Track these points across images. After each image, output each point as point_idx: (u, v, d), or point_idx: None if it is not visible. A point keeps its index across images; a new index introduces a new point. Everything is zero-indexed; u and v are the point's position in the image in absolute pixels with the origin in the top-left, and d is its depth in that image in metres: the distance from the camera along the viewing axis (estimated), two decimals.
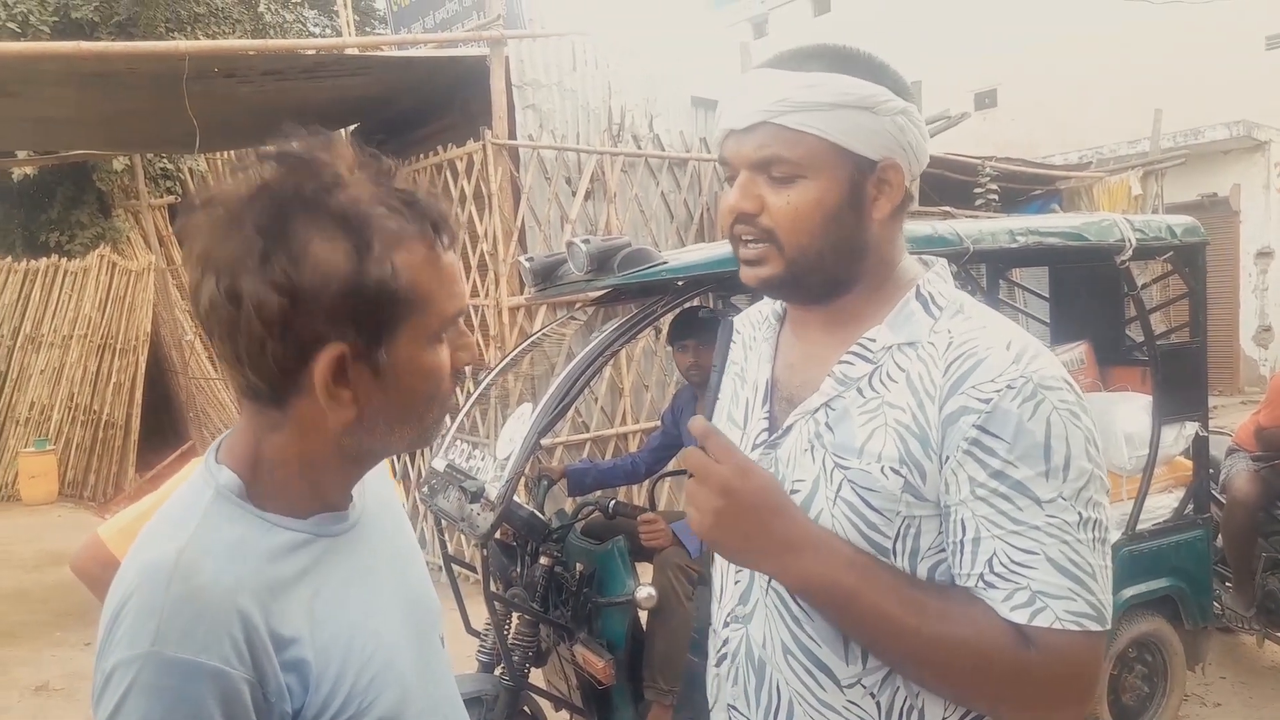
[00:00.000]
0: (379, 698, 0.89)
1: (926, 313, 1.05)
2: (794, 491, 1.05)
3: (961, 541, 0.98)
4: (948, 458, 0.97)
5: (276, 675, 0.82)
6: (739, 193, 1.04)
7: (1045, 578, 0.93)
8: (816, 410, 1.07)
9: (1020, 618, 0.94)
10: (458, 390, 1.08)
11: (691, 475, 1.00)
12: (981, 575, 0.96)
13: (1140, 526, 3.37)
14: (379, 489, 1.04)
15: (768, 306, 1.24)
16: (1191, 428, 3.50)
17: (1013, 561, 0.94)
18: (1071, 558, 0.94)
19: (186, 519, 0.86)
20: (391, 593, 0.98)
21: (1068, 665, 0.94)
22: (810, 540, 0.98)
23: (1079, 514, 0.95)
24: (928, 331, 1.03)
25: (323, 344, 0.82)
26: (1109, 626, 0.96)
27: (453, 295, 0.90)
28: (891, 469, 0.99)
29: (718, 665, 1.18)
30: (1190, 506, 3.54)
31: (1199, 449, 3.54)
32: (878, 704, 1.04)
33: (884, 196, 1.04)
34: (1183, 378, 3.46)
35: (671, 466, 3.84)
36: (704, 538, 1.00)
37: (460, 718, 1.07)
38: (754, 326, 1.24)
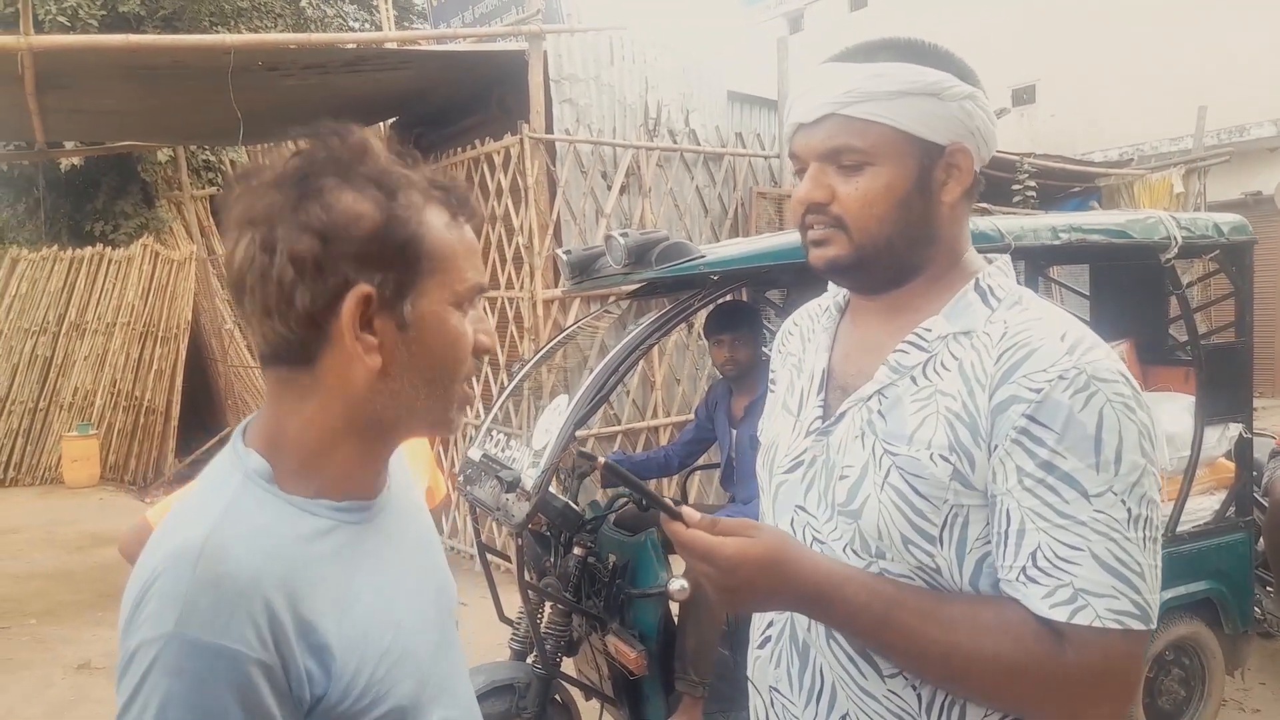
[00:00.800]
0: (396, 686, 0.90)
1: (984, 304, 1.05)
2: (843, 477, 1.06)
3: (1006, 532, 0.97)
4: (996, 446, 0.97)
5: (298, 661, 0.82)
6: (809, 183, 1.05)
7: (1089, 575, 0.92)
8: (870, 398, 1.07)
9: (1060, 615, 0.92)
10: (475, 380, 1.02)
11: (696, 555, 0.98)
12: (1024, 569, 0.95)
13: (1180, 529, 3.32)
14: (399, 476, 1.05)
15: (829, 299, 1.24)
16: (1235, 429, 3.45)
17: (1057, 556, 0.93)
18: (1119, 555, 0.92)
19: (214, 504, 0.86)
20: (415, 579, 1.00)
21: (1106, 665, 0.93)
22: (832, 583, 0.97)
23: (1129, 510, 0.93)
24: (984, 322, 1.03)
25: (351, 286, 0.84)
26: (1154, 626, 0.94)
27: (474, 266, 0.92)
28: (940, 456, 0.99)
29: (761, 647, 1.19)
30: (1232, 509, 3.49)
31: (1242, 451, 3.49)
32: (919, 695, 1.04)
33: (953, 181, 1.05)
34: (1227, 378, 3.40)
35: (701, 461, 3.84)
36: (727, 610, 1.00)
37: (468, 693, 1.08)
38: (813, 319, 1.25)
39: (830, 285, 1.22)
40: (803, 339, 1.25)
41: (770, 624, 1.17)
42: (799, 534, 1.11)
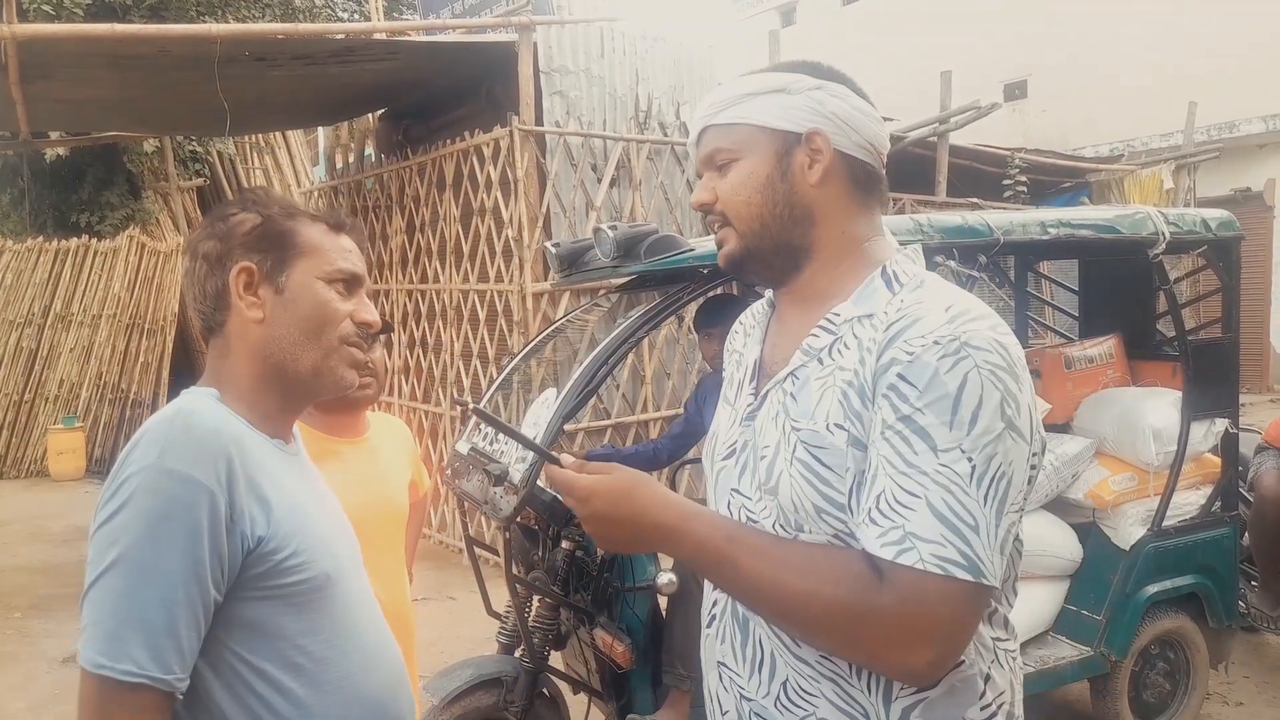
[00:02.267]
0: (320, 559, 1.16)
1: (888, 288, 1.12)
2: (762, 457, 1.14)
3: (865, 477, 1.03)
4: (874, 402, 1.03)
5: (244, 501, 1.09)
6: (698, 189, 1.21)
7: (921, 520, 0.96)
8: (784, 379, 1.15)
9: (887, 554, 0.97)
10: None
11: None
12: (869, 511, 1.01)
13: (1166, 523, 3.34)
14: (303, 448, 1.34)
15: (767, 299, 1.33)
16: (1221, 424, 3.46)
17: (896, 501, 0.98)
18: (953, 506, 0.96)
19: (176, 401, 1.15)
20: (328, 513, 1.28)
21: (922, 607, 0.96)
22: (681, 516, 1.07)
23: (973, 466, 0.97)
24: (885, 304, 1.10)
25: (238, 263, 1.20)
26: (986, 580, 0.96)
27: (343, 256, 1.26)
28: (836, 425, 1.06)
29: (708, 626, 1.25)
30: (1218, 504, 3.51)
31: (1228, 446, 3.50)
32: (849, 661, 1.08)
33: (816, 162, 1.15)
34: (1214, 373, 3.42)
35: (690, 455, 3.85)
36: (597, 543, 1.13)
37: (391, 642, 1.32)
38: (753, 317, 1.34)
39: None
40: (744, 335, 1.33)
41: (715, 603, 1.23)
42: (735, 515, 1.18)
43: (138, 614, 1.02)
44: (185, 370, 9.98)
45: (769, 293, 1.31)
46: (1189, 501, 3.48)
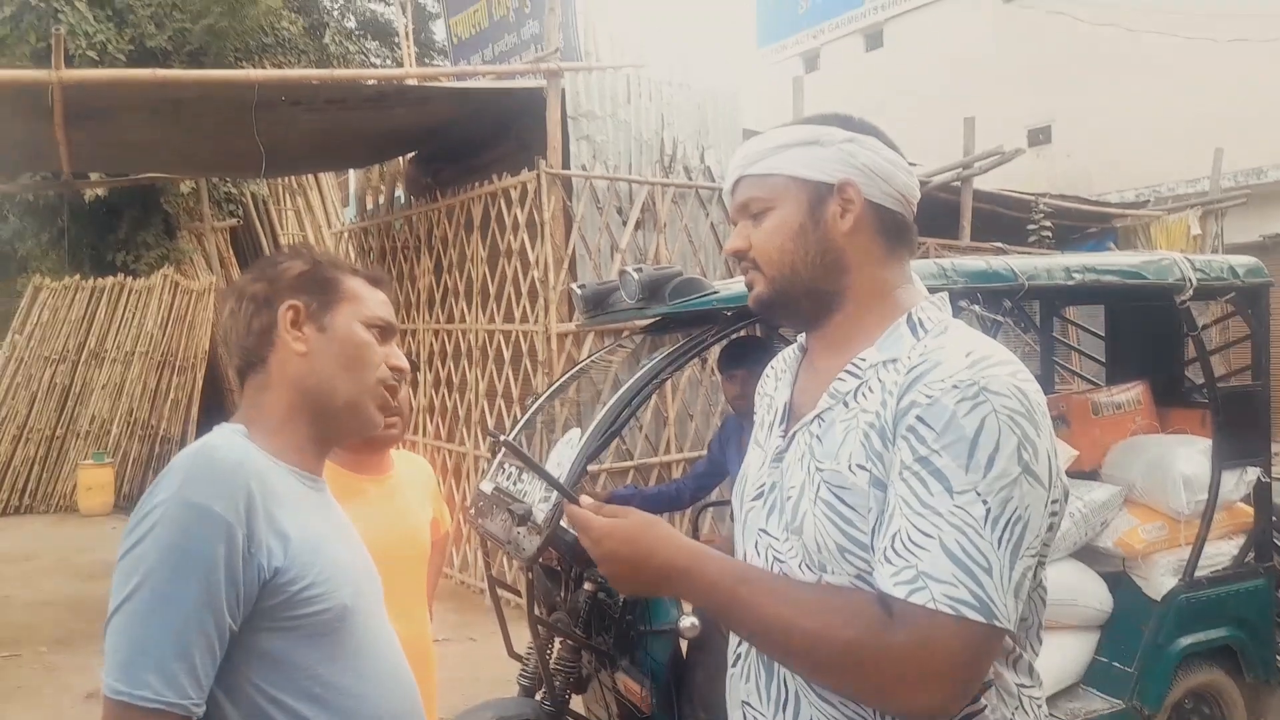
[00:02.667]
0: (338, 590, 1.20)
1: (913, 334, 1.15)
2: (788, 498, 1.16)
3: (883, 517, 1.04)
4: (894, 443, 1.05)
5: (263, 534, 1.13)
6: (733, 237, 1.25)
7: (935, 561, 0.97)
8: (811, 422, 1.17)
9: (900, 593, 0.98)
10: (402, 395, 1.53)
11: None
12: (884, 550, 1.02)
13: (1198, 573, 3.28)
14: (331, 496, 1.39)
15: (799, 344, 1.37)
16: (1253, 473, 3.40)
17: (910, 540, 1.00)
18: (967, 548, 0.97)
19: (206, 437, 1.21)
20: (351, 548, 1.32)
21: (932, 646, 0.96)
22: (692, 559, 1.10)
23: (988, 509, 0.98)
24: (909, 349, 1.12)
25: (287, 302, 1.29)
26: (998, 622, 0.96)
27: (381, 306, 1.37)
28: (858, 465, 1.08)
29: (734, 666, 1.26)
30: (1251, 554, 3.44)
31: (1260, 495, 3.44)
32: None
33: (848, 211, 1.18)
34: (1244, 421, 3.37)
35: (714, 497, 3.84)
36: (612, 584, 1.17)
37: (408, 673, 1.35)
38: (784, 361, 1.37)
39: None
40: (775, 379, 1.36)
41: (740, 642, 1.24)
42: (762, 555, 1.20)
43: (153, 641, 1.06)
44: (215, 407, 10.10)
45: (801, 337, 1.34)
46: (1221, 552, 3.41)
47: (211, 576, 1.08)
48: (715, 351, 3.56)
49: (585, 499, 1.19)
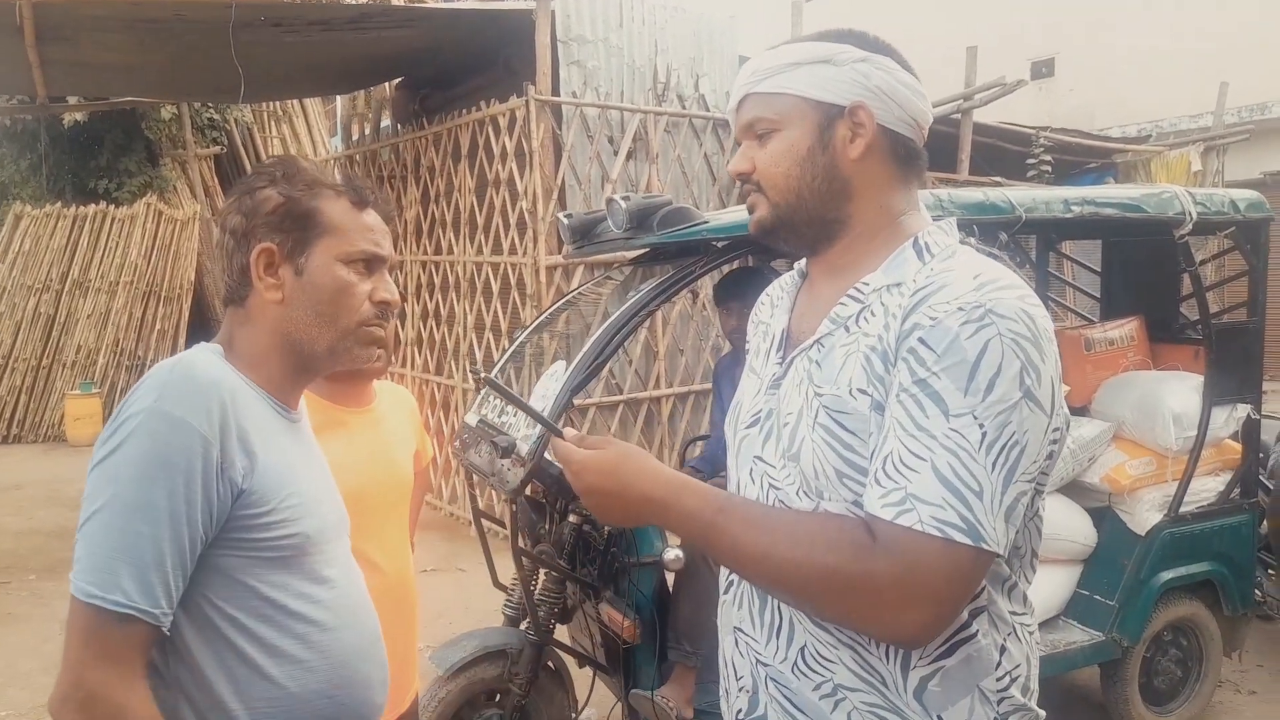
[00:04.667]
0: (303, 519, 1.20)
1: (919, 259, 1.11)
2: (785, 424, 1.14)
3: (879, 439, 1.03)
4: (895, 365, 1.03)
5: (234, 449, 1.13)
6: (737, 157, 1.20)
7: (924, 483, 0.96)
8: (810, 347, 1.15)
9: (887, 514, 0.97)
10: (391, 327, 1.40)
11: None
12: (876, 472, 1.01)
13: (1184, 509, 3.29)
14: (306, 421, 1.37)
15: (798, 269, 1.33)
16: (1243, 410, 3.40)
17: (902, 462, 0.98)
18: (959, 471, 0.96)
19: (183, 353, 1.20)
20: (321, 482, 1.31)
21: (917, 568, 0.95)
22: (670, 488, 1.09)
23: (984, 433, 0.96)
24: (914, 273, 1.09)
25: (259, 244, 1.23)
26: (986, 545, 0.95)
27: (365, 236, 1.28)
28: (859, 389, 1.05)
29: (725, 592, 1.26)
30: (1237, 490, 3.45)
31: (1249, 432, 3.44)
32: None
33: (859, 136, 1.13)
34: (1237, 358, 3.35)
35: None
36: (596, 517, 1.16)
37: (368, 608, 1.34)
38: (781, 288, 1.34)
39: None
40: (772, 306, 1.33)
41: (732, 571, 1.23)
42: (758, 483, 1.18)
43: (129, 549, 1.06)
44: (202, 338, 9.99)
45: (800, 263, 1.31)
46: (1207, 488, 3.42)
47: (189, 488, 1.08)
48: (706, 285, 3.50)
49: (570, 431, 1.17)
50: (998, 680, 1.08)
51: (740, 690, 1.21)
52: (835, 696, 1.09)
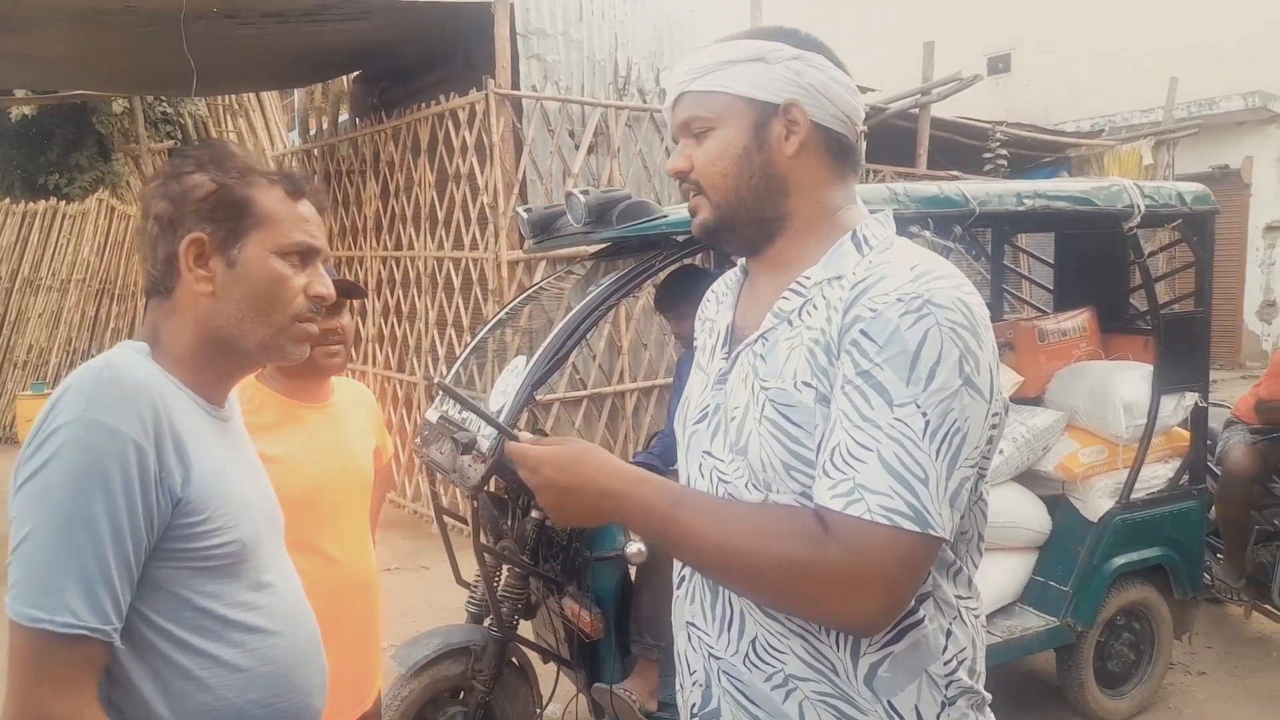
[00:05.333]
0: (237, 526, 1.16)
1: (858, 251, 1.13)
2: (732, 418, 1.15)
3: (825, 431, 1.04)
4: (838, 358, 1.05)
5: (170, 456, 1.09)
6: (674, 157, 1.21)
7: (871, 473, 0.97)
8: (755, 342, 1.16)
9: (836, 505, 0.98)
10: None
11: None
12: (824, 464, 1.02)
13: (1135, 496, 3.36)
14: (238, 413, 1.34)
15: (740, 267, 1.34)
16: (1191, 398, 3.48)
17: (849, 454, 1.00)
18: (904, 460, 0.97)
19: (106, 355, 1.13)
20: (251, 482, 1.27)
21: (866, 557, 0.97)
22: (627, 483, 1.09)
23: (927, 421, 0.98)
24: (854, 266, 1.11)
25: (189, 233, 1.16)
26: (933, 531, 0.97)
27: (299, 228, 1.22)
28: (804, 382, 1.07)
29: (678, 587, 1.27)
30: (1186, 477, 3.54)
31: (1198, 420, 3.53)
32: None
33: (793, 134, 1.14)
34: (1185, 348, 3.43)
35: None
36: (550, 515, 1.14)
37: (306, 611, 1.32)
38: (725, 285, 1.35)
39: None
40: (717, 303, 1.34)
41: (684, 565, 1.24)
42: (707, 477, 1.19)
43: (73, 567, 1.01)
44: None
45: (741, 261, 1.31)
46: (1157, 475, 3.50)
47: (129, 499, 1.03)
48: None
49: (525, 434, 1.17)
50: (945, 664, 1.10)
51: (694, 684, 1.22)
52: (787, 687, 1.11)
